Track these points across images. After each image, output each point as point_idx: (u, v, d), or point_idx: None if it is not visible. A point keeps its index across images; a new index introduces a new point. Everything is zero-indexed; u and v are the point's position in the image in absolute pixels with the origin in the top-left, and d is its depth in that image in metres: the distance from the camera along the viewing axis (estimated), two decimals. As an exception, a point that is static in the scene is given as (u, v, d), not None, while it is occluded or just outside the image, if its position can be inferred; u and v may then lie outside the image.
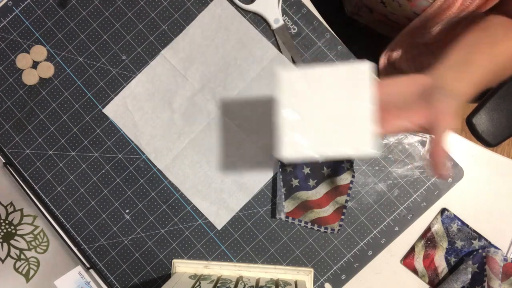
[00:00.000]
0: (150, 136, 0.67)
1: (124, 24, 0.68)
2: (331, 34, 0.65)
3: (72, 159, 0.67)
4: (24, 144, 0.68)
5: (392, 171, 0.64)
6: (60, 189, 0.67)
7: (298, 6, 0.66)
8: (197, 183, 0.66)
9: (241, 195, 0.66)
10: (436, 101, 0.43)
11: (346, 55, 0.65)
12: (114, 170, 0.67)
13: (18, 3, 0.68)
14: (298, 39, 0.66)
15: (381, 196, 0.64)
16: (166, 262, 0.66)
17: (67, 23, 0.68)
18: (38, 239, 0.68)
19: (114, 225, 0.67)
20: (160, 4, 0.67)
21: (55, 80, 0.68)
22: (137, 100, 0.67)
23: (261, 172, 0.65)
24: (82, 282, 0.66)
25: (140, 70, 0.67)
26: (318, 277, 0.65)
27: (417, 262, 0.64)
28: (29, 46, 0.68)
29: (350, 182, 0.64)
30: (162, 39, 0.67)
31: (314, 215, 0.63)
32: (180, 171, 0.66)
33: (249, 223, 0.65)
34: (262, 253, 0.65)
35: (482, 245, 0.63)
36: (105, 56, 0.68)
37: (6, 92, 0.68)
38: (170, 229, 0.66)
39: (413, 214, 0.64)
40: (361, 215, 0.64)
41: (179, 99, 0.67)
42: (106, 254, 0.66)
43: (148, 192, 0.67)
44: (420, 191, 0.64)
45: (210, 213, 0.66)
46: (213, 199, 0.66)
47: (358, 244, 0.64)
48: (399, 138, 0.64)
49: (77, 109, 0.68)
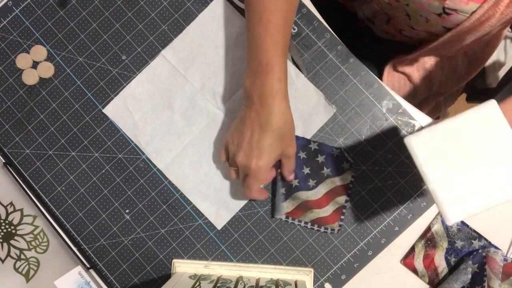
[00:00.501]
0: (150, 136, 0.67)
1: (124, 24, 0.68)
2: (331, 34, 0.65)
3: (72, 159, 0.67)
4: (24, 144, 0.68)
5: (392, 171, 0.64)
6: (60, 189, 0.67)
7: (298, 6, 0.66)
8: (197, 183, 0.66)
9: (241, 195, 0.65)
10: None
11: (346, 55, 0.65)
12: (114, 170, 0.67)
13: (18, 3, 0.68)
14: (298, 39, 0.66)
15: (381, 196, 0.64)
16: (166, 262, 0.66)
17: (67, 23, 0.68)
18: (38, 239, 0.68)
19: (114, 225, 0.67)
20: (160, 4, 0.67)
21: (55, 80, 0.68)
22: (137, 100, 0.67)
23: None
24: (82, 282, 0.66)
25: (140, 70, 0.67)
26: (318, 277, 0.65)
27: (417, 262, 0.64)
28: (29, 46, 0.68)
29: (350, 182, 0.64)
30: (162, 39, 0.67)
31: (314, 215, 0.63)
32: (180, 171, 0.66)
33: (249, 223, 0.65)
34: (262, 253, 0.65)
35: (482, 245, 0.63)
36: (105, 56, 0.68)
37: (6, 92, 0.68)
38: (170, 229, 0.66)
39: (413, 214, 0.64)
40: (361, 215, 0.65)
41: (179, 99, 0.67)
42: (106, 254, 0.66)
43: (148, 192, 0.67)
44: (420, 191, 0.64)
45: (210, 213, 0.66)
46: (213, 199, 0.66)
47: (358, 244, 0.64)
48: (399, 138, 0.64)
49: (77, 109, 0.68)
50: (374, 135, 0.65)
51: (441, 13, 0.59)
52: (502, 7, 0.53)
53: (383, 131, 0.65)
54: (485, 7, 0.54)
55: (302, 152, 0.63)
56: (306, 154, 0.64)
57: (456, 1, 0.55)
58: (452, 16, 0.58)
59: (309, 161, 0.64)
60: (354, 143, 0.65)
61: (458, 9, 0.56)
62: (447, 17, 0.59)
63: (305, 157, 0.64)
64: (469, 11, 0.56)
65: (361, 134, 0.65)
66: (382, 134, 0.65)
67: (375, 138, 0.65)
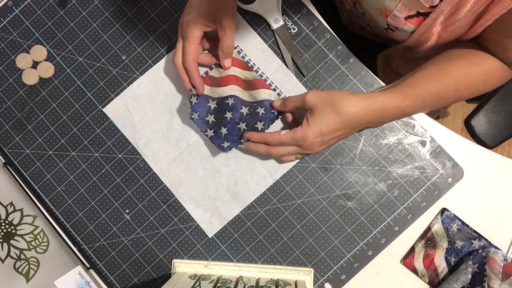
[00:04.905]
0: (148, 139, 0.67)
1: (124, 24, 0.68)
2: (331, 34, 0.65)
3: (72, 159, 0.67)
4: (24, 144, 0.68)
5: (392, 171, 0.64)
6: (60, 189, 0.67)
7: (298, 6, 0.66)
8: (191, 189, 0.66)
9: (235, 204, 0.65)
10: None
11: (346, 55, 0.65)
12: (114, 170, 0.67)
13: (18, 3, 0.68)
14: (298, 39, 0.66)
15: (381, 196, 0.64)
16: (166, 262, 0.66)
17: (67, 23, 0.68)
18: (38, 239, 0.68)
19: (114, 225, 0.67)
20: (160, 4, 0.67)
21: (55, 80, 0.68)
22: (137, 101, 0.67)
23: (256, 183, 0.65)
24: (82, 282, 0.66)
25: (140, 70, 0.67)
26: (318, 277, 0.65)
27: (417, 262, 0.64)
28: (29, 46, 0.68)
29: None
30: (162, 39, 0.67)
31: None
32: (176, 176, 0.66)
33: (249, 223, 0.65)
34: (262, 253, 0.65)
35: (482, 245, 0.63)
36: (105, 56, 0.68)
37: (6, 92, 0.68)
38: (170, 229, 0.66)
39: (413, 214, 0.64)
40: (361, 215, 0.65)
41: (180, 104, 0.66)
42: (106, 254, 0.66)
43: (148, 192, 0.67)
44: (420, 191, 0.64)
45: (203, 220, 0.66)
46: (207, 207, 0.66)
47: (358, 244, 0.64)
48: (399, 138, 0.65)
49: (77, 109, 0.68)
50: (373, 135, 0.65)
51: (387, 28, 0.62)
52: (436, 31, 0.56)
53: (383, 131, 0.65)
54: (421, 30, 0.57)
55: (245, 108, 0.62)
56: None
57: (396, 20, 0.58)
58: (396, 32, 0.61)
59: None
60: (354, 143, 0.65)
61: (399, 27, 0.59)
62: (392, 33, 0.63)
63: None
64: (408, 31, 0.59)
65: (360, 134, 0.65)
66: (382, 134, 0.65)
67: (374, 138, 0.65)
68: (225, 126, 0.61)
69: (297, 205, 0.65)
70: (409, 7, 0.55)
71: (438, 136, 0.64)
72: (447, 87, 0.55)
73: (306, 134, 0.55)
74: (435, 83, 0.55)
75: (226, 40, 0.58)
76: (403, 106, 0.55)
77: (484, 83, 0.58)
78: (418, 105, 0.56)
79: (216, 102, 0.62)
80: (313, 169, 0.65)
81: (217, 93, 0.62)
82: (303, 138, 0.55)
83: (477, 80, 0.56)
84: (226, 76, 0.62)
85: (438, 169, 0.64)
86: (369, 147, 0.65)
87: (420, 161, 0.64)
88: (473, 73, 0.56)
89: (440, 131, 0.65)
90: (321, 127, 0.55)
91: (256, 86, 0.62)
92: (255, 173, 0.65)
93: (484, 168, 0.64)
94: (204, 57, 0.62)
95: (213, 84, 0.62)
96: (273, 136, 0.58)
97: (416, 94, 0.55)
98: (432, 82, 0.55)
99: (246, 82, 0.63)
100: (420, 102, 0.55)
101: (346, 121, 0.54)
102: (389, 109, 0.55)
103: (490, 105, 0.79)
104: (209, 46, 0.64)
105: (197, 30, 0.58)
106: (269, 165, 0.65)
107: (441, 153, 0.64)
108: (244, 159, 0.65)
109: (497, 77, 0.58)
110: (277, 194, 0.65)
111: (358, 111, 0.54)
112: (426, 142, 0.64)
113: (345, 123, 0.55)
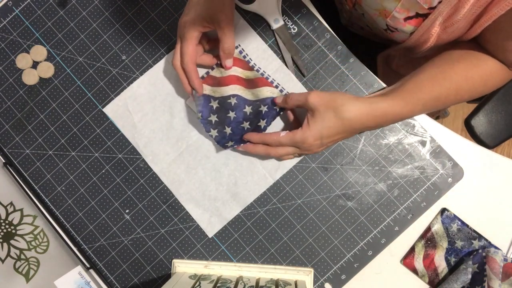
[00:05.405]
0: (148, 139, 0.67)
1: (124, 24, 0.68)
2: (331, 34, 0.65)
3: (72, 159, 0.67)
4: (24, 144, 0.68)
5: (392, 171, 0.64)
6: (60, 189, 0.67)
7: (298, 6, 0.66)
8: (191, 189, 0.66)
9: (235, 204, 0.65)
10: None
11: (346, 55, 0.65)
12: (114, 170, 0.67)
13: (18, 3, 0.68)
14: (298, 39, 0.66)
15: (381, 196, 0.64)
16: (166, 262, 0.66)
17: (67, 23, 0.68)
18: (38, 239, 0.68)
19: (114, 225, 0.67)
20: (160, 4, 0.67)
21: (55, 80, 0.68)
22: (138, 101, 0.67)
23: (256, 183, 0.65)
24: (82, 282, 0.66)
25: (140, 70, 0.67)
26: (318, 277, 0.65)
27: (417, 262, 0.64)
28: (29, 46, 0.68)
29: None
30: (162, 39, 0.67)
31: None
32: (176, 176, 0.66)
33: (249, 223, 0.65)
34: (262, 253, 0.65)
35: (482, 245, 0.63)
36: (105, 56, 0.68)
37: (6, 92, 0.68)
38: (170, 229, 0.66)
39: (413, 214, 0.64)
40: (361, 215, 0.65)
41: (180, 104, 0.66)
42: (106, 254, 0.66)
43: (148, 192, 0.67)
44: (420, 191, 0.64)
45: (202, 220, 0.66)
46: (206, 207, 0.66)
47: (358, 244, 0.64)
48: (399, 138, 0.65)
49: (77, 109, 0.68)
50: (373, 135, 0.65)
51: (386, 29, 0.62)
52: (435, 32, 0.56)
53: (383, 131, 0.65)
54: (420, 31, 0.57)
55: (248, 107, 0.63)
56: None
57: (395, 20, 0.58)
58: (396, 33, 0.62)
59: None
60: (354, 143, 0.65)
61: (398, 28, 0.59)
62: (391, 34, 0.63)
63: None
64: (408, 32, 0.59)
65: (361, 134, 0.65)
66: (382, 134, 0.65)
67: (374, 138, 0.65)
68: (229, 126, 0.62)
69: (297, 205, 0.65)
70: (408, 8, 0.55)
71: (438, 136, 0.64)
72: (448, 90, 0.56)
73: (306, 136, 0.55)
74: (436, 87, 0.55)
75: (226, 40, 0.58)
76: (404, 111, 0.56)
77: (484, 85, 0.58)
78: (419, 110, 0.57)
79: (218, 102, 0.62)
80: (313, 169, 0.65)
81: (218, 92, 0.62)
82: (302, 140, 0.56)
83: (477, 82, 0.56)
84: (227, 76, 0.62)
85: (438, 169, 0.64)
86: (369, 147, 0.65)
87: (420, 161, 0.64)
88: (473, 76, 0.56)
89: (440, 131, 0.65)
90: (321, 130, 0.55)
91: (258, 84, 0.62)
92: (255, 173, 0.65)
93: (484, 168, 0.64)
94: (205, 58, 0.62)
95: (214, 84, 0.63)
96: (272, 137, 0.58)
97: (417, 99, 0.55)
98: (433, 86, 0.55)
99: (248, 81, 0.63)
100: (420, 106, 0.56)
101: (347, 126, 0.55)
102: (391, 115, 0.55)
103: (490, 105, 0.79)
104: (210, 47, 0.63)
105: (195, 31, 0.58)
106: (269, 165, 0.65)
107: (441, 153, 0.64)
108: (244, 159, 0.65)
109: (497, 79, 0.58)
110: (277, 194, 0.65)
111: (360, 117, 0.54)
112: (426, 142, 0.64)
113: (346, 127, 0.55)
